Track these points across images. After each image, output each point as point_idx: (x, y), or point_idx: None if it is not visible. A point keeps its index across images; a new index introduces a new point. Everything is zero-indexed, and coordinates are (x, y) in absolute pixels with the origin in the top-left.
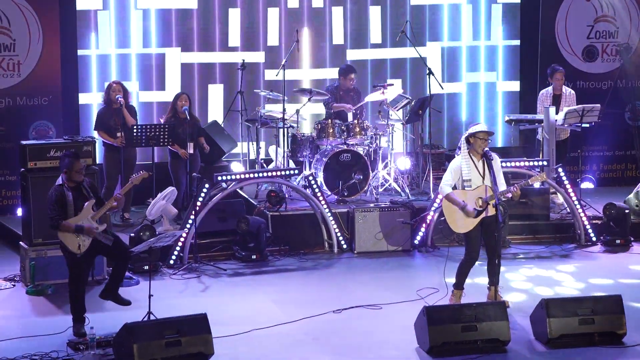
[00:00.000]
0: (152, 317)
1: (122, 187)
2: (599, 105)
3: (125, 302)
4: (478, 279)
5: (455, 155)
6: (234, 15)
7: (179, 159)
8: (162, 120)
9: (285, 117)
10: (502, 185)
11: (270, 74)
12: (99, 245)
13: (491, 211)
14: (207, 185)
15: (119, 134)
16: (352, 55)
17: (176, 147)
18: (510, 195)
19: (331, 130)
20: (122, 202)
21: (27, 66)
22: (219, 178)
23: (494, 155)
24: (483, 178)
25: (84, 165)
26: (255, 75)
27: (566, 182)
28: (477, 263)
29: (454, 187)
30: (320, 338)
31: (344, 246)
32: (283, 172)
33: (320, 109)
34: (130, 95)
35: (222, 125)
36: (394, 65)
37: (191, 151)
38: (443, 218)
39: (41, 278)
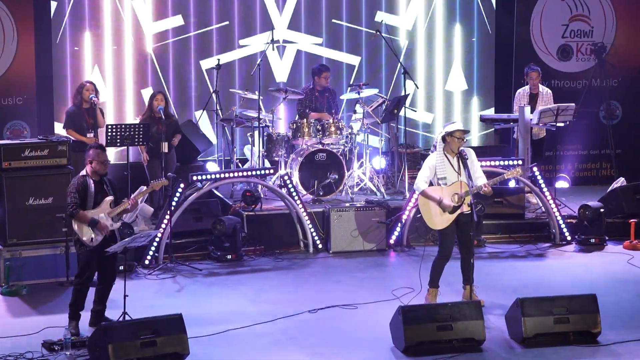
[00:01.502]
0: (127, 318)
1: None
2: (573, 104)
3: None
4: (453, 278)
5: (430, 153)
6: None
7: (155, 159)
8: (138, 119)
9: (261, 117)
10: (480, 178)
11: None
12: (106, 247)
13: (465, 208)
14: (182, 185)
15: (89, 134)
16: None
17: (141, 148)
18: (483, 189)
19: (306, 130)
20: (135, 207)
21: (1, 66)
22: (195, 178)
23: (468, 150)
24: (459, 174)
25: (108, 160)
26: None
27: (541, 181)
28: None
29: (430, 184)
30: (296, 338)
31: (320, 246)
32: (258, 172)
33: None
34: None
35: (197, 125)
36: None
37: (166, 150)
38: (419, 215)
39: (16, 278)
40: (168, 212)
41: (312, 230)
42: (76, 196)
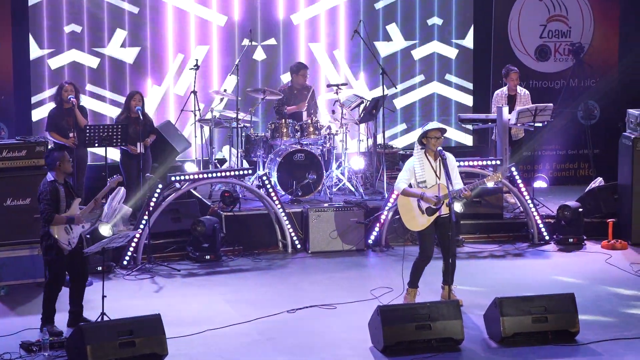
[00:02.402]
0: (105, 318)
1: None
2: (551, 104)
3: (57, 333)
4: (432, 278)
5: (413, 154)
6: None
7: (131, 159)
8: (115, 119)
9: (239, 117)
10: (457, 184)
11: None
12: (75, 251)
13: (445, 210)
14: (160, 186)
15: (71, 135)
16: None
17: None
18: (462, 195)
19: (285, 130)
20: (99, 206)
21: None
22: (173, 178)
23: (448, 155)
24: (438, 177)
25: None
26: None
27: (519, 181)
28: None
29: (409, 186)
30: (275, 338)
31: (298, 246)
32: (237, 172)
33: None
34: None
35: (176, 126)
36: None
37: (142, 151)
38: (398, 216)
39: None
40: (146, 212)
41: (291, 230)
42: (50, 201)
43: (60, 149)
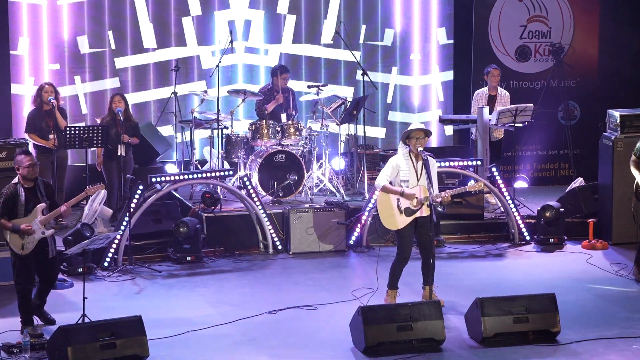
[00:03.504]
0: (86, 320)
1: (55, 188)
2: (532, 105)
3: (51, 321)
4: (412, 279)
5: (398, 152)
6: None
7: (111, 160)
8: (98, 121)
9: (220, 118)
10: (436, 189)
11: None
12: (42, 252)
13: (425, 211)
14: (141, 187)
15: (51, 136)
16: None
17: (98, 152)
18: (440, 200)
19: (266, 131)
20: (68, 212)
21: None
22: (153, 179)
23: (430, 160)
24: (418, 179)
25: (35, 162)
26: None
27: (500, 181)
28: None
29: (390, 183)
30: (256, 339)
31: (279, 247)
32: (218, 173)
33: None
34: (61, 97)
35: (156, 127)
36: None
37: (124, 153)
38: (376, 213)
39: None
40: (127, 214)
41: (272, 231)
42: (3, 205)
43: (22, 152)
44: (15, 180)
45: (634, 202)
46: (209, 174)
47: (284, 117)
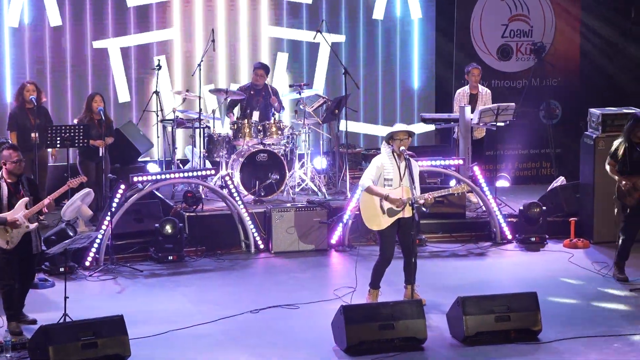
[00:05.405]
0: (67, 319)
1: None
2: (513, 104)
3: (32, 322)
4: (394, 278)
5: (382, 152)
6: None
7: (89, 161)
8: (76, 121)
9: (201, 117)
10: (417, 191)
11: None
12: (24, 249)
13: (408, 212)
14: (122, 187)
15: (33, 135)
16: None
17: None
18: (422, 202)
19: (247, 130)
20: (52, 206)
21: None
22: (135, 179)
23: (412, 163)
24: (401, 180)
25: (22, 158)
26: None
27: (481, 180)
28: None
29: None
30: (238, 338)
31: (261, 246)
32: (199, 173)
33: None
34: (44, 95)
35: (138, 126)
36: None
37: (102, 153)
38: (358, 212)
39: None
40: (108, 213)
41: (254, 230)
42: None
43: (10, 147)
44: None
45: (616, 206)
46: (190, 173)
47: (255, 115)
